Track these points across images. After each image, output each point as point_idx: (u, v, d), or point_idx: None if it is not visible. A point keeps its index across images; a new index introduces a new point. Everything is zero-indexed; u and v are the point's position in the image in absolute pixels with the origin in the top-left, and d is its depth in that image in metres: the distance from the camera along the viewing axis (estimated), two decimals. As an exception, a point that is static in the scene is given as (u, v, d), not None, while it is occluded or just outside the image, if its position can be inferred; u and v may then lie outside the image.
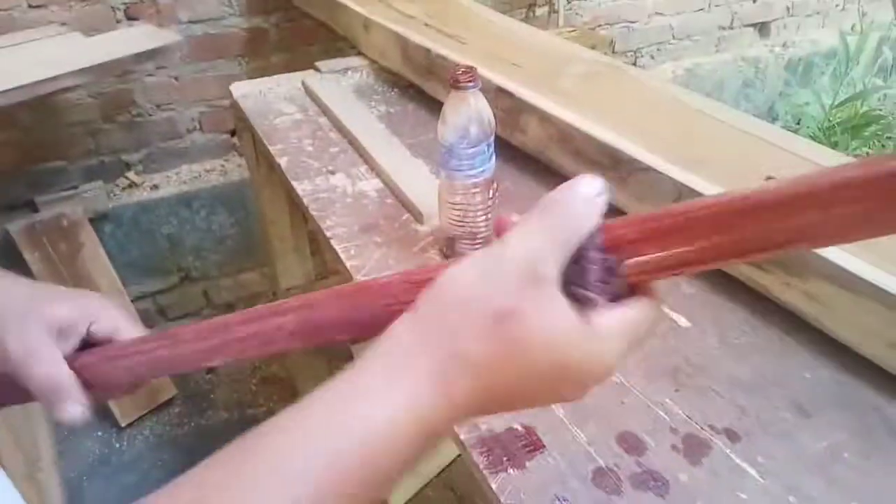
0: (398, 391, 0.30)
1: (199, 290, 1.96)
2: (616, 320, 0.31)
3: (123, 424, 1.68)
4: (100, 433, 1.69)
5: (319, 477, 0.29)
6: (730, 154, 0.80)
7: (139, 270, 1.83)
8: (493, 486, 0.56)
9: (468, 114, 0.70)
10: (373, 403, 0.30)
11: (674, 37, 2.28)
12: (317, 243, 1.35)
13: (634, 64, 2.28)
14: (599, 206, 0.32)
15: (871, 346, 0.63)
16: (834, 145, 2.13)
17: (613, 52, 2.23)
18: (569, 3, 2.04)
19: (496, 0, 1.97)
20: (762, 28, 2.41)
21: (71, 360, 0.47)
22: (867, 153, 2.30)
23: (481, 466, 0.57)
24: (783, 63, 2.43)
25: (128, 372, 0.48)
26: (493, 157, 0.74)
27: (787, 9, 2.40)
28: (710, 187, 0.74)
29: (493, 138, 0.73)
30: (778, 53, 2.42)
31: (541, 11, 1.98)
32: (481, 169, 0.73)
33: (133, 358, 0.47)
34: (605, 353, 0.31)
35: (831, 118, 2.20)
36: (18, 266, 1.55)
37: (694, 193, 0.74)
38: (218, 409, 1.77)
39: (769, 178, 0.75)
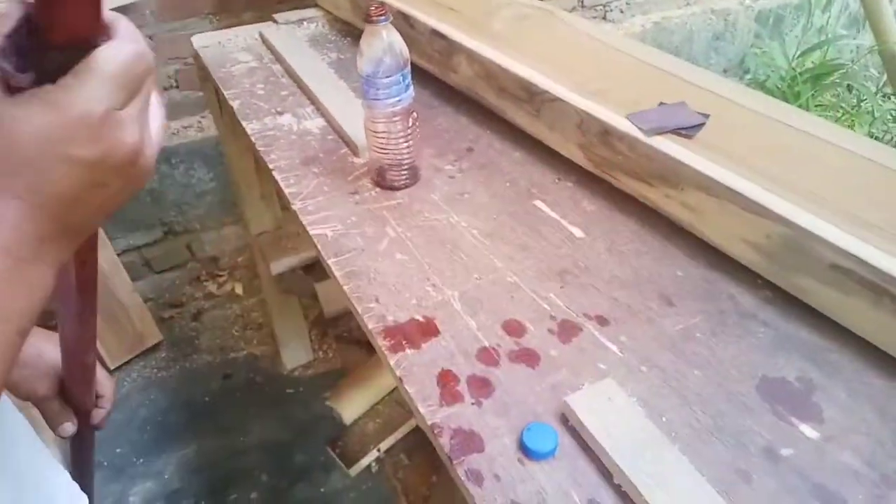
0: None
1: (182, 244, 2.05)
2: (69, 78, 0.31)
3: (112, 368, 1.79)
4: (91, 376, 1.80)
5: None
6: (629, 84, 0.87)
7: (124, 224, 1.92)
8: (391, 362, 0.65)
9: (381, 46, 0.77)
10: None
11: (642, -10, 2.32)
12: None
13: (604, 18, 2.32)
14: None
15: (732, 244, 0.71)
16: (797, 95, 2.18)
17: (583, 6, 2.28)
18: (535, -42, 2.08)
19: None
20: (732, -19, 2.44)
21: None
22: (830, 102, 2.35)
23: (384, 349, 0.66)
24: (753, 15, 2.47)
25: None
26: (410, 88, 0.82)
27: (757, -39, 2.42)
28: (605, 112, 0.81)
29: (408, 69, 0.80)
30: (748, 6, 2.45)
31: (506, -34, 2.02)
32: (398, 98, 0.81)
33: None
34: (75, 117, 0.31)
35: (795, 68, 2.25)
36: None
37: (590, 118, 0.82)
38: (203, 354, 1.87)
39: (661, 103, 0.83)
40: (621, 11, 2.35)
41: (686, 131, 0.78)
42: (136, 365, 1.83)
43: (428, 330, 0.68)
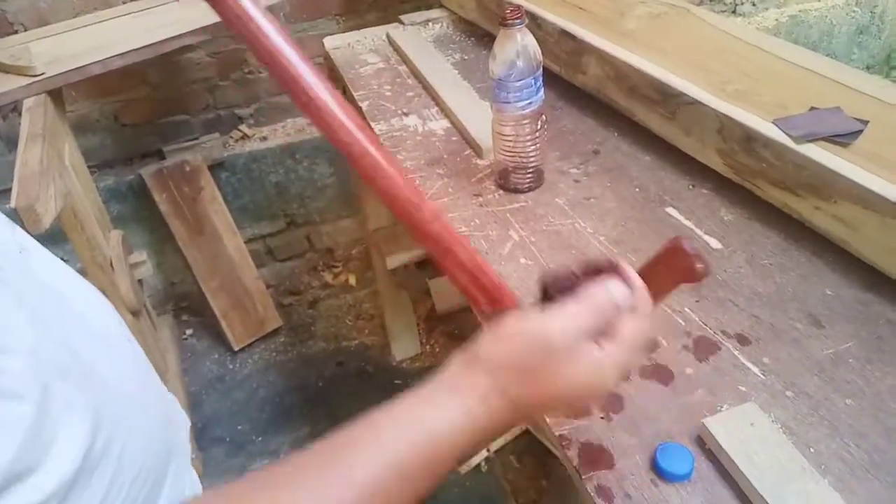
0: (456, 402, 0.40)
1: (302, 235, 2.14)
2: None
3: (236, 349, 1.90)
4: (217, 355, 1.93)
5: (397, 465, 0.37)
6: (774, 86, 0.81)
7: (251, 214, 2.03)
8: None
9: (515, 49, 0.77)
10: (435, 411, 0.40)
11: (778, -18, 2.17)
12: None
13: (734, 12, 2.20)
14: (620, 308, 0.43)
15: (893, 264, 0.65)
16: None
17: None
18: (662, -50, 1.99)
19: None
20: (882, -31, 2.23)
21: None
22: None
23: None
24: (905, 6, 2.25)
25: None
26: (541, 91, 0.81)
27: (914, -54, 2.20)
28: (749, 116, 0.77)
29: (539, 72, 0.80)
30: (899, -4, 2.23)
31: (631, -40, 1.95)
32: (528, 101, 0.80)
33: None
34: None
35: (956, 65, 2.02)
36: (149, 205, 1.79)
37: (732, 122, 0.77)
38: (318, 340, 1.96)
39: (812, 108, 0.77)
40: (753, 4, 2.21)
41: (841, 138, 0.72)
42: (258, 347, 1.94)
43: (554, 338, 0.67)
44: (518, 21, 0.76)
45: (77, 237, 1.27)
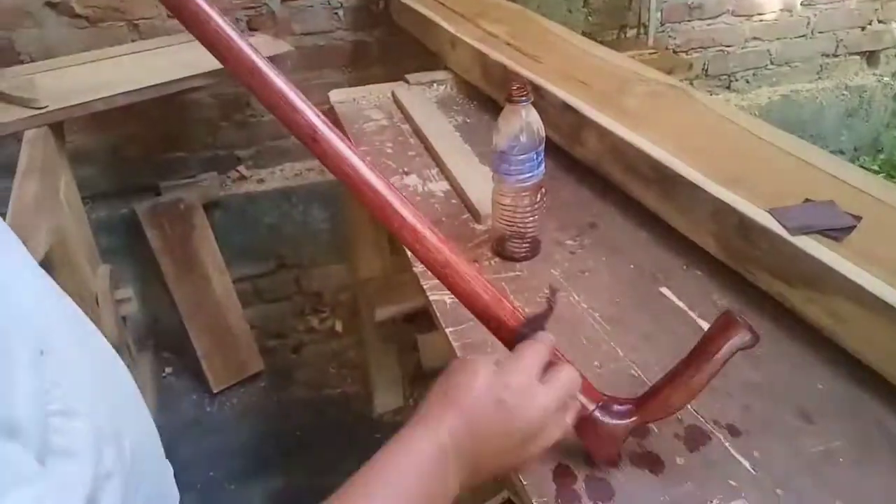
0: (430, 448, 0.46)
1: (291, 277, 2.13)
2: None
3: (215, 391, 1.87)
4: (195, 397, 1.89)
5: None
6: (767, 174, 0.83)
7: (241, 255, 2.02)
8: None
9: (519, 124, 0.78)
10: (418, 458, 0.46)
11: (772, 62, 2.24)
12: (396, 243, 1.48)
13: (728, 88, 2.27)
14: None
15: (884, 362, 0.66)
16: (940, 181, 2.02)
17: (707, 74, 2.23)
18: (662, 25, 2.07)
19: (588, 21, 2.03)
20: (870, 57, 2.32)
21: None
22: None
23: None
24: (892, 93, 2.33)
25: None
26: (542, 165, 0.82)
27: (901, 37, 2.30)
28: (744, 203, 0.78)
29: (542, 147, 0.81)
30: (886, 83, 2.32)
31: (631, 33, 2.02)
32: (530, 174, 0.81)
33: None
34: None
35: (940, 152, 2.09)
36: (140, 240, 1.78)
37: (727, 208, 0.79)
38: (299, 387, 1.93)
39: (807, 200, 0.79)
40: (747, 82, 2.28)
41: (835, 233, 0.73)
42: (237, 391, 1.90)
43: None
44: (524, 99, 0.77)
45: (65, 272, 1.25)
